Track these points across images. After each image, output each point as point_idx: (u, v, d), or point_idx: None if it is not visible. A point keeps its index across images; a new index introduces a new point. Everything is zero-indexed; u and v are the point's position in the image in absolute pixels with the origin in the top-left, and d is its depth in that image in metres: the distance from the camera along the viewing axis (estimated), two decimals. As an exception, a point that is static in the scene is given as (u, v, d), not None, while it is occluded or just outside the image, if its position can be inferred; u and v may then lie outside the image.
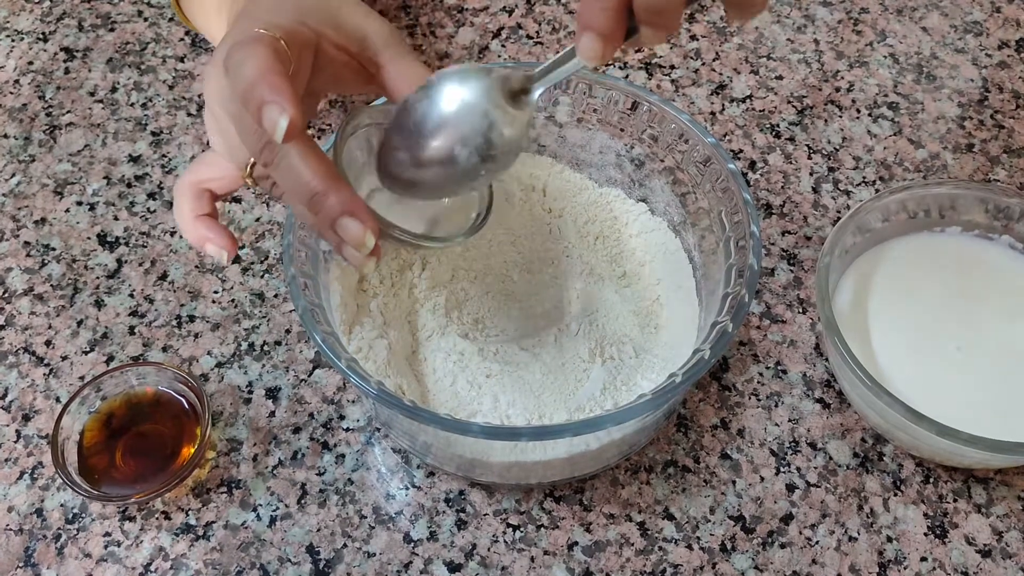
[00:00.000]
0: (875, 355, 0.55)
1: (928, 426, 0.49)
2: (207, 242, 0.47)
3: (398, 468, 0.55)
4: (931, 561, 0.52)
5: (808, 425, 0.57)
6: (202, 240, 0.47)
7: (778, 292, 0.62)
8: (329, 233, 0.39)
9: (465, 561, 0.52)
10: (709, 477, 0.55)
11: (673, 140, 0.55)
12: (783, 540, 0.53)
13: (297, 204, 0.40)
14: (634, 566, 0.52)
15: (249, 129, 0.40)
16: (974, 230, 0.60)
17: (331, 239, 0.40)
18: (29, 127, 0.70)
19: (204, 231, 0.47)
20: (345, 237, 0.39)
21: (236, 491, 0.54)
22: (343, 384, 0.58)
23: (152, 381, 0.56)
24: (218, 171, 0.47)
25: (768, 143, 0.69)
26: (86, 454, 0.53)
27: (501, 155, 0.41)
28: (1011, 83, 0.73)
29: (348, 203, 0.39)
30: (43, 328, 0.60)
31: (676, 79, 0.73)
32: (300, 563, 0.52)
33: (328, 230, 0.39)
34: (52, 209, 0.66)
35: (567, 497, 0.54)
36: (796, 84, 0.73)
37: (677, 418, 0.57)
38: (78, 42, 0.75)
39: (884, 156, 0.69)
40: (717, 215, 0.53)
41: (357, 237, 0.39)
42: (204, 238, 0.47)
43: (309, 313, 0.47)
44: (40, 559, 0.52)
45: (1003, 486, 0.55)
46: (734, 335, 0.47)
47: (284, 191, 0.41)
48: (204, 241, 0.47)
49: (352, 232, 0.39)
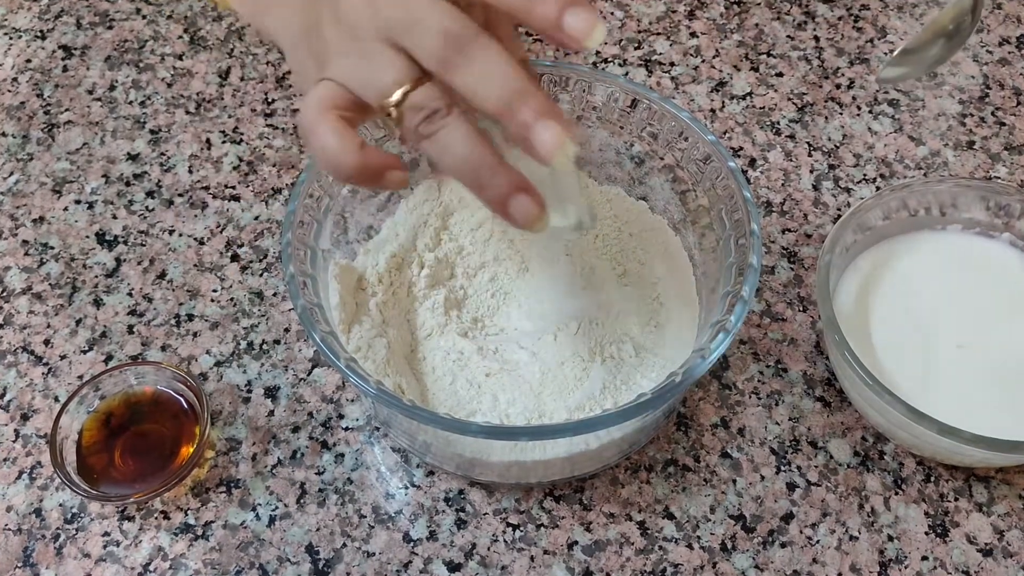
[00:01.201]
0: (876, 353, 0.55)
1: (929, 425, 0.49)
2: (387, 172, 0.39)
3: (397, 467, 0.55)
4: (932, 560, 0.52)
5: (808, 424, 0.57)
6: (381, 172, 0.39)
7: (778, 290, 0.62)
8: (526, 143, 0.37)
9: (465, 561, 0.52)
10: (709, 476, 0.55)
11: (673, 138, 0.54)
12: (784, 539, 0.53)
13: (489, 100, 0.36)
14: (634, 565, 0.52)
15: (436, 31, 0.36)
16: (975, 228, 0.59)
17: (525, 145, 0.37)
18: (27, 125, 0.70)
19: (380, 159, 0.39)
20: (542, 139, 0.36)
21: (235, 491, 0.54)
22: (342, 383, 0.58)
23: (151, 380, 0.56)
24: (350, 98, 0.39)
25: (768, 140, 0.69)
26: (85, 453, 0.53)
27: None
28: (1012, 80, 0.72)
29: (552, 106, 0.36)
30: (41, 327, 0.60)
31: (676, 76, 0.73)
32: (299, 563, 0.52)
33: (524, 135, 0.37)
34: (50, 208, 0.66)
35: (567, 496, 0.54)
36: (796, 81, 0.72)
37: (677, 417, 0.57)
38: (76, 40, 0.75)
39: (885, 153, 0.68)
40: (717, 213, 0.53)
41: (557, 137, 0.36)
42: (383, 167, 0.39)
43: (308, 312, 0.47)
44: (39, 559, 0.52)
45: (1004, 485, 0.55)
46: (735, 334, 0.47)
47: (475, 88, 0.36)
48: (384, 172, 0.39)
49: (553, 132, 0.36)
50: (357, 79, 0.38)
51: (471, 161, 0.37)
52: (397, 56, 0.38)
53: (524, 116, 0.36)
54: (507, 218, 0.38)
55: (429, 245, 0.56)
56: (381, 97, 0.38)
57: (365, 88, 0.38)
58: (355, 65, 0.38)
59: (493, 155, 0.38)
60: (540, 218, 0.38)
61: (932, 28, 0.52)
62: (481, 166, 0.38)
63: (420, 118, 0.37)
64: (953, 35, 0.52)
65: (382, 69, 0.38)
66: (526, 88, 0.37)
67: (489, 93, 0.37)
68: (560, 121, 0.37)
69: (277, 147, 0.69)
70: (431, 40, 0.37)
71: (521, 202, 0.38)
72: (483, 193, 0.38)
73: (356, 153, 0.38)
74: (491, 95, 0.37)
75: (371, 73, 0.38)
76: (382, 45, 0.38)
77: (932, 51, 0.52)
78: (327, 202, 0.53)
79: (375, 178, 0.39)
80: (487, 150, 0.38)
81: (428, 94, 0.37)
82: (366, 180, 0.39)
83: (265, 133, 0.69)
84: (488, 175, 0.38)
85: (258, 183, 0.67)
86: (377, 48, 0.38)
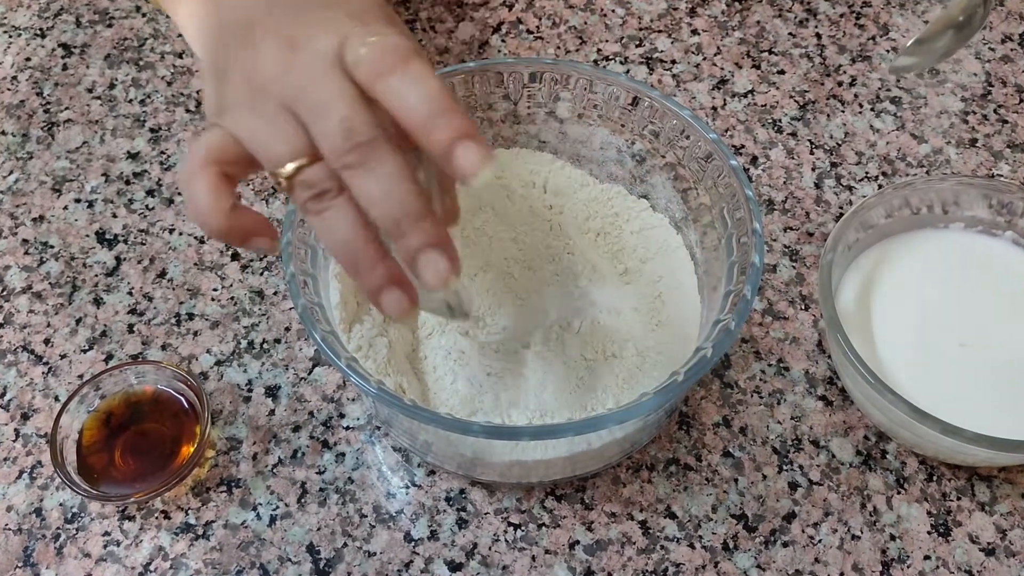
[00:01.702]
0: (878, 352, 0.55)
1: (931, 424, 0.49)
2: (253, 238, 0.40)
3: (398, 467, 0.55)
4: (935, 559, 0.52)
5: (811, 423, 0.56)
6: (247, 236, 0.40)
7: (780, 289, 0.62)
8: (412, 261, 0.37)
9: (466, 560, 0.52)
10: (711, 475, 0.54)
11: (674, 136, 0.54)
12: (786, 539, 0.53)
13: (382, 215, 0.37)
14: (636, 565, 0.52)
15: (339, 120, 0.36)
16: (978, 226, 0.59)
17: (410, 264, 0.38)
18: (27, 124, 0.70)
19: (247, 223, 0.40)
20: (425, 271, 0.37)
21: (236, 490, 0.54)
22: (343, 382, 0.58)
23: (151, 379, 0.55)
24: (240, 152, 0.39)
25: (770, 138, 0.69)
26: (85, 453, 0.53)
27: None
28: (1015, 77, 0.72)
29: (440, 233, 0.37)
30: (41, 326, 0.60)
31: (677, 74, 0.73)
32: (300, 562, 0.52)
33: (413, 258, 0.37)
34: (50, 207, 0.66)
35: (568, 496, 0.54)
36: (798, 79, 0.72)
37: (679, 416, 0.57)
38: (76, 38, 0.75)
39: (887, 151, 0.68)
40: (719, 211, 0.53)
41: (441, 273, 0.37)
42: (249, 233, 0.40)
43: (308, 311, 0.47)
44: (39, 559, 0.52)
45: (1007, 484, 0.54)
46: (737, 333, 0.46)
47: (368, 199, 0.37)
48: (249, 237, 0.40)
49: (436, 266, 0.37)
50: (252, 139, 0.38)
51: (352, 248, 0.38)
52: (297, 128, 0.37)
53: (412, 242, 0.37)
54: (377, 306, 0.39)
55: (430, 244, 0.56)
56: (274, 165, 0.38)
57: (259, 150, 0.38)
58: (254, 125, 0.38)
59: (373, 247, 0.38)
60: (409, 313, 0.39)
61: (943, 19, 0.53)
62: (360, 255, 0.38)
63: (309, 195, 0.38)
64: (963, 26, 0.53)
65: (280, 138, 0.38)
66: (416, 212, 0.37)
67: (380, 210, 0.37)
68: (448, 249, 0.37)
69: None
70: (332, 130, 0.37)
71: (393, 296, 0.39)
72: (358, 279, 0.39)
73: (224, 216, 0.39)
74: (382, 212, 0.37)
75: (268, 138, 0.38)
76: (285, 113, 0.38)
77: (942, 42, 0.53)
78: (327, 201, 0.53)
79: (241, 241, 0.40)
80: (368, 241, 0.38)
81: (320, 174, 0.37)
82: (232, 241, 0.40)
83: (265, 131, 0.69)
84: (365, 265, 0.38)
85: (258, 182, 0.67)
86: (279, 114, 0.38)
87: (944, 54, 0.55)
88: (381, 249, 0.38)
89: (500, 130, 0.59)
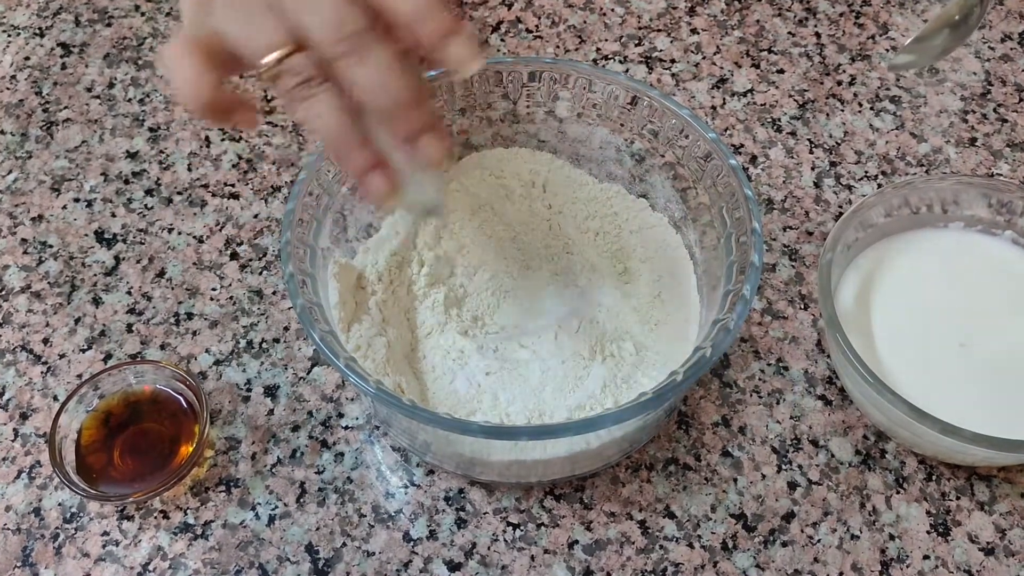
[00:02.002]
0: (877, 352, 0.55)
1: (931, 424, 0.49)
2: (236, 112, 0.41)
3: (397, 466, 0.55)
4: (934, 559, 0.52)
5: (810, 422, 0.56)
6: (230, 110, 0.41)
7: (779, 288, 0.62)
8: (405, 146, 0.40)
9: (465, 560, 0.52)
10: (710, 475, 0.54)
11: (674, 135, 0.54)
12: (785, 538, 0.52)
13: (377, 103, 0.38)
14: (635, 565, 0.52)
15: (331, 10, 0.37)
16: (977, 225, 0.59)
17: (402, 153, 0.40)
18: (26, 123, 0.70)
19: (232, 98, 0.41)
20: (424, 151, 0.39)
21: (235, 490, 0.54)
22: (342, 382, 0.58)
23: (150, 379, 0.55)
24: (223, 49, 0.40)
25: (769, 138, 0.69)
26: (84, 453, 0.53)
27: None
28: (1014, 76, 0.72)
29: (433, 119, 0.39)
30: (40, 326, 0.60)
31: (676, 73, 0.73)
32: (299, 562, 0.52)
33: (409, 140, 0.39)
34: (49, 206, 0.65)
35: (567, 495, 0.54)
36: (797, 78, 0.72)
37: (678, 415, 0.56)
38: (75, 37, 0.75)
39: (886, 150, 0.68)
40: (718, 211, 0.52)
41: (436, 155, 0.39)
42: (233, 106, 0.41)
43: (307, 311, 0.47)
44: (38, 559, 0.52)
45: (1006, 484, 0.54)
46: (736, 333, 0.46)
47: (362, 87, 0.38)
48: (233, 112, 0.41)
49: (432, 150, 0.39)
50: (236, 33, 0.39)
51: (337, 133, 0.40)
52: (280, 22, 0.38)
53: (409, 126, 0.39)
54: (363, 190, 0.41)
55: (429, 243, 0.56)
56: (257, 56, 0.39)
57: (243, 43, 0.39)
58: (237, 19, 0.39)
59: (357, 132, 0.40)
60: (392, 196, 0.41)
61: (941, 18, 0.54)
62: (345, 140, 0.40)
63: (294, 83, 0.39)
64: (960, 25, 0.53)
65: (263, 30, 0.39)
66: (412, 97, 0.38)
67: (376, 97, 0.38)
68: (442, 132, 0.40)
69: (276, 145, 0.68)
70: (324, 21, 0.38)
71: (377, 178, 0.41)
72: (344, 164, 0.41)
73: (210, 88, 0.40)
74: (378, 99, 0.38)
75: (253, 31, 0.39)
76: (268, 10, 0.39)
77: (939, 40, 0.54)
78: (326, 200, 0.53)
79: (225, 115, 0.41)
80: (354, 125, 0.40)
81: (304, 62, 0.38)
82: (216, 116, 0.41)
83: (264, 131, 0.69)
84: (352, 148, 0.40)
85: (257, 181, 0.67)
86: (262, 10, 0.39)
87: (942, 52, 0.55)
88: (364, 136, 0.40)
89: (499, 129, 0.59)
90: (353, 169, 0.41)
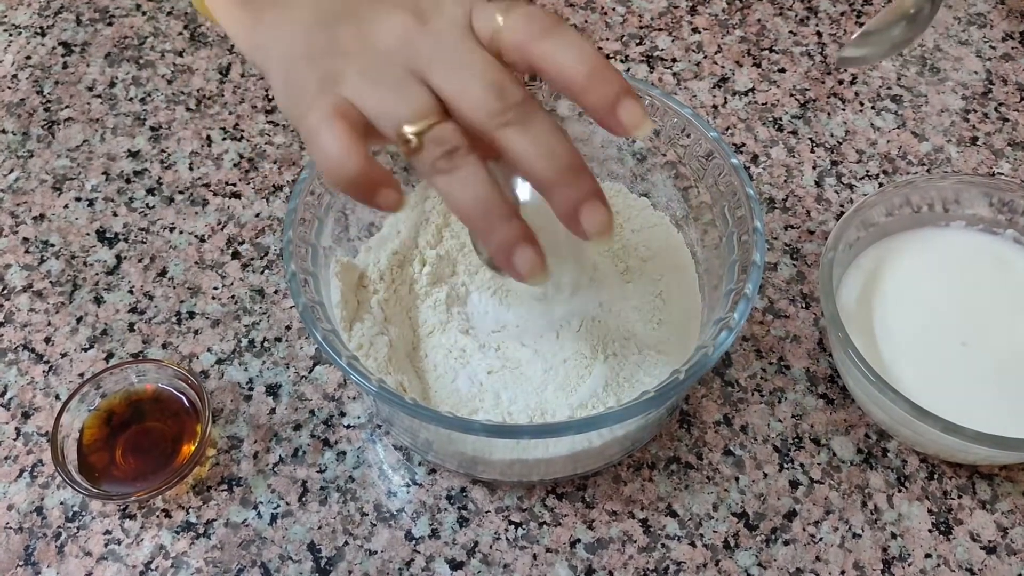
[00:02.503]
0: (879, 350, 0.55)
1: (933, 422, 0.49)
2: (382, 188, 0.38)
3: (399, 465, 0.55)
4: (935, 558, 0.52)
5: (811, 421, 0.56)
6: (377, 185, 0.38)
7: (781, 287, 0.62)
8: (571, 212, 0.37)
9: (467, 559, 0.52)
10: (712, 474, 0.54)
11: (675, 134, 0.54)
12: (787, 537, 0.53)
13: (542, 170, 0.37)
14: (637, 563, 0.52)
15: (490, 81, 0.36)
16: (979, 224, 0.59)
17: (568, 217, 0.38)
18: (27, 122, 0.70)
19: (379, 171, 0.38)
20: (589, 222, 0.38)
21: (237, 489, 0.54)
22: (344, 381, 0.58)
23: (152, 378, 0.55)
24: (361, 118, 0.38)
25: (771, 137, 0.69)
26: (86, 452, 0.53)
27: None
28: (1015, 75, 0.72)
29: (597, 187, 0.38)
30: (42, 325, 0.60)
31: (678, 72, 0.73)
32: (301, 561, 0.52)
33: (573, 209, 0.37)
34: (51, 205, 0.66)
35: (569, 494, 0.54)
36: (799, 77, 0.72)
37: (680, 414, 0.57)
38: (76, 36, 0.75)
39: (888, 149, 0.68)
40: (720, 210, 0.52)
41: (604, 223, 0.38)
42: (380, 182, 0.38)
43: (309, 310, 0.47)
44: (40, 557, 0.52)
45: (1008, 482, 0.54)
46: (738, 332, 0.46)
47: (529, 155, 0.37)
48: (379, 187, 0.38)
49: (600, 218, 0.38)
50: (377, 101, 0.38)
51: (485, 204, 0.38)
52: (424, 91, 0.37)
53: (576, 192, 0.37)
54: (509, 266, 0.39)
55: (431, 242, 0.56)
56: (400, 124, 0.37)
57: (384, 112, 0.38)
58: (377, 88, 0.38)
59: (507, 202, 0.38)
60: (542, 271, 0.39)
61: (894, 10, 0.53)
62: (494, 211, 0.38)
63: (440, 152, 0.37)
64: (914, 18, 0.52)
65: (409, 98, 0.37)
66: (578, 164, 0.37)
67: (543, 162, 0.37)
68: (605, 203, 0.38)
69: (278, 144, 0.68)
70: (479, 89, 0.37)
71: (526, 253, 0.38)
72: (490, 237, 0.38)
73: (362, 159, 0.37)
74: (543, 165, 0.37)
75: (396, 99, 0.37)
76: (412, 78, 0.38)
77: (894, 32, 0.53)
78: (328, 199, 0.53)
79: (371, 190, 0.38)
80: (502, 196, 0.38)
81: (451, 130, 0.37)
82: (362, 191, 0.38)
83: (266, 130, 0.69)
84: (498, 221, 0.38)
85: (259, 180, 0.67)
86: (405, 79, 0.38)
87: (894, 47, 0.54)
88: (513, 207, 0.38)
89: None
90: (501, 242, 0.38)
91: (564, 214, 0.38)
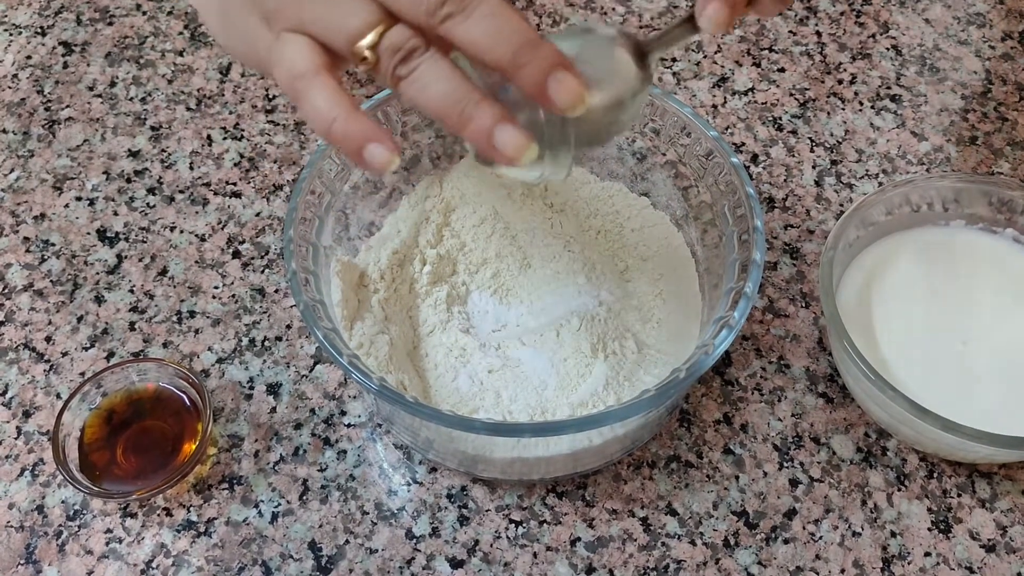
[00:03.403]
0: (879, 349, 0.55)
1: (932, 421, 0.49)
2: (372, 142, 0.37)
3: (400, 464, 0.55)
4: (935, 556, 0.52)
5: (811, 420, 0.56)
6: (366, 139, 0.37)
7: (781, 286, 0.62)
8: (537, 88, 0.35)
9: (467, 557, 0.52)
10: (712, 472, 0.55)
11: (675, 134, 0.54)
12: (786, 535, 0.53)
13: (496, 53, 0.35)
14: (637, 562, 0.52)
15: None
16: (978, 223, 0.59)
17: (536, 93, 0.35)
18: (28, 122, 0.70)
19: (370, 125, 0.37)
20: (557, 94, 0.35)
21: (237, 487, 0.54)
22: (344, 380, 0.58)
23: (153, 377, 0.55)
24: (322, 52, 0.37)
25: (770, 136, 0.69)
26: (87, 450, 0.53)
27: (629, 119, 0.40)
28: (1015, 75, 0.72)
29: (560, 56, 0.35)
30: (43, 324, 0.60)
31: (678, 72, 0.73)
32: (302, 559, 0.52)
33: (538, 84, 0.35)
34: (51, 204, 0.66)
35: (569, 493, 0.54)
36: (798, 76, 0.72)
37: (680, 413, 0.57)
38: (76, 36, 0.75)
39: (887, 149, 0.68)
40: (720, 209, 0.53)
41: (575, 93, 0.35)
42: (370, 136, 0.37)
43: (310, 309, 0.47)
44: (41, 556, 0.52)
45: (1007, 481, 0.54)
46: (738, 331, 0.46)
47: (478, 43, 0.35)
48: (368, 141, 0.37)
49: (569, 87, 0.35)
50: (324, 24, 0.37)
51: (454, 95, 0.36)
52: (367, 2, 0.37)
53: (537, 68, 0.35)
54: (491, 151, 0.36)
55: (431, 241, 0.56)
56: (353, 41, 0.37)
57: (334, 33, 0.37)
58: (319, 12, 0.37)
59: (475, 88, 0.36)
60: (527, 148, 0.36)
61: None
62: (464, 99, 0.36)
63: (397, 59, 0.36)
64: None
65: (352, 12, 0.37)
66: (532, 38, 0.35)
67: (494, 45, 0.35)
68: (571, 70, 0.36)
69: (278, 143, 0.68)
70: None
71: (505, 133, 0.36)
72: (467, 127, 0.36)
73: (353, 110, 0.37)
74: (497, 48, 0.35)
75: (341, 17, 0.37)
76: None
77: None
78: (329, 198, 0.53)
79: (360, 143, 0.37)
80: (469, 84, 0.36)
81: (403, 34, 0.36)
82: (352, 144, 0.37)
83: (266, 129, 0.69)
84: (472, 108, 0.36)
85: (259, 179, 0.67)
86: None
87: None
88: (483, 91, 0.37)
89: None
90: (479, 129, 0.36)
91: (532, 93, 0.36)
